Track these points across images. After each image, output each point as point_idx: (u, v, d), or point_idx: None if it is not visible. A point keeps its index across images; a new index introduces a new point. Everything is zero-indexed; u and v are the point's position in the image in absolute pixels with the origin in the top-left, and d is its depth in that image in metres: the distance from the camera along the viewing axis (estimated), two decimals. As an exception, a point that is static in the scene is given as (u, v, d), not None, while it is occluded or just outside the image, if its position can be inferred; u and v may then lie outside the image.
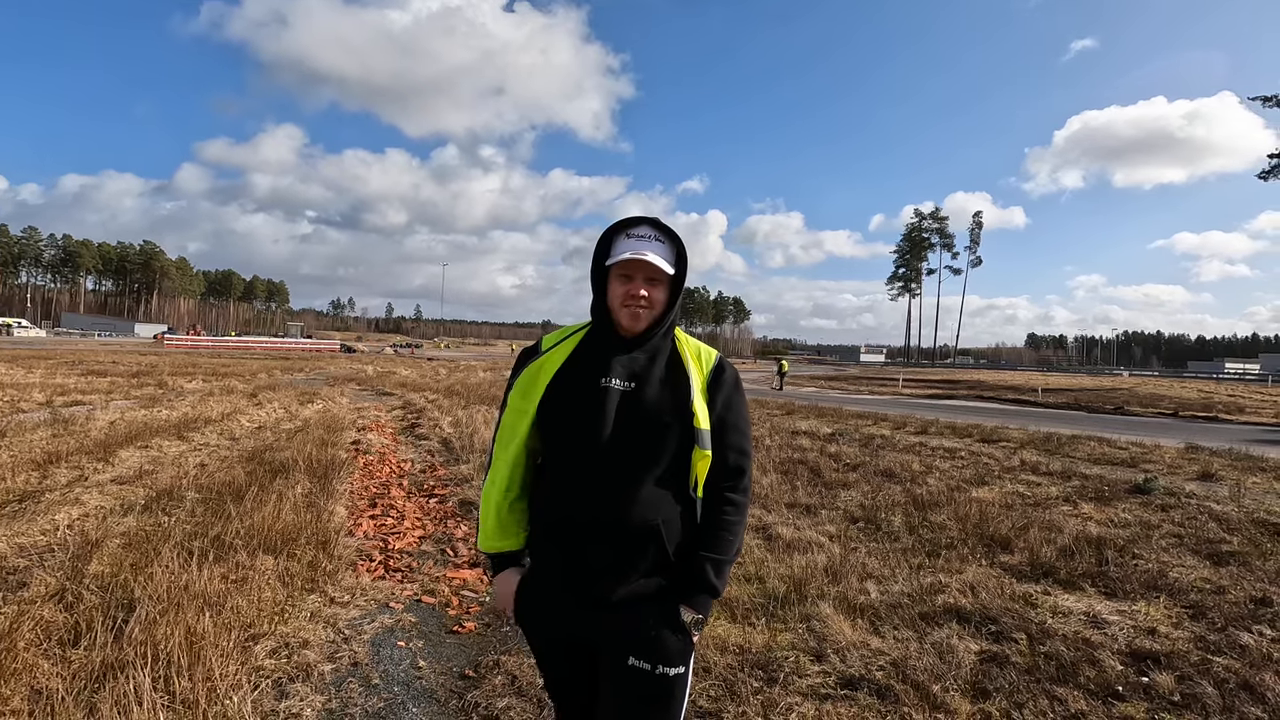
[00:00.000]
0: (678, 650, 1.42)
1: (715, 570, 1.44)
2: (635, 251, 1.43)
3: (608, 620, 1.42)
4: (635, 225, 1.49)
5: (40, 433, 8.04)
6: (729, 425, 1.50)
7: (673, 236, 1.50)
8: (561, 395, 1.46)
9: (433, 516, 5.37)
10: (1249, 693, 2.76)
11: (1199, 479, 7.83)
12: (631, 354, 1.48)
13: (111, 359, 28.08)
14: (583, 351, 1.51)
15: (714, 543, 1.46)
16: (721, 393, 1.51)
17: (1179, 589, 4.01)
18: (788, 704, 2.59)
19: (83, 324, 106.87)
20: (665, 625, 1.41)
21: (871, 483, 7.02)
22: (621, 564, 1.41)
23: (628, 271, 1.46)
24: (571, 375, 1.48)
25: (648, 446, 1.42)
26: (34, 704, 2.32)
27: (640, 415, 1.42)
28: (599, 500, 1.40)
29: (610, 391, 1.43)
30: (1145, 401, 25.10)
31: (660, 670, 1.40)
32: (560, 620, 1.47)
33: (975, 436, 11.52)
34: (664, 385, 1.46)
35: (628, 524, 1.39)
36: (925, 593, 3.79)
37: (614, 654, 1.43)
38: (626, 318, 1.47)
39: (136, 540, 4.04)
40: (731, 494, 1.49)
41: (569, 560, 1.44)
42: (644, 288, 1.45)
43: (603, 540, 1.40)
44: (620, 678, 1.42)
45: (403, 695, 2.68)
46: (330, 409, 12.44)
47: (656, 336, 1.50)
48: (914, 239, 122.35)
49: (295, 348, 64.40)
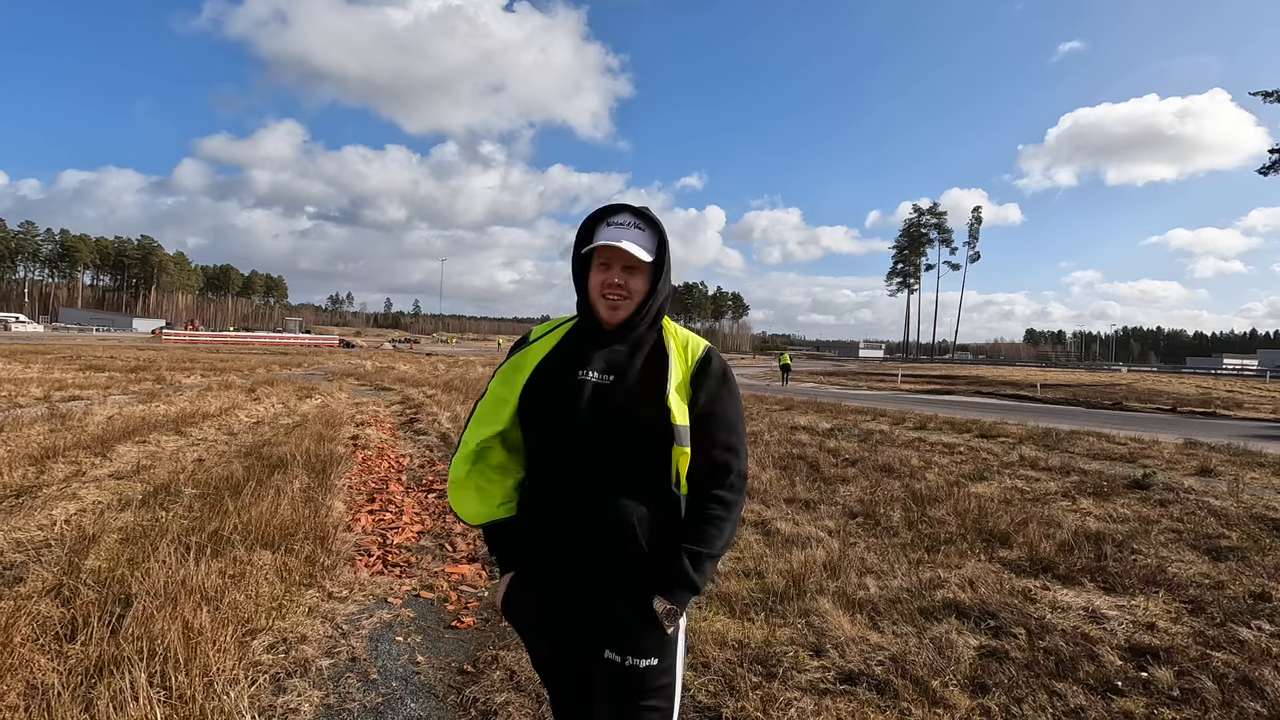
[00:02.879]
0: (650, 642, 1.39)
1: (694, 563, 1.39)
2: (610, 239, 1.41)
3: (587, 613, 1.41)
4: (614, 213, 1.46)
5: (37, 428, 8.02)
6: (715, 420, 1.44)
7: (653, 223, 1.46)
8: (540, 387, 1.44)
9: (431, 512, 5.36)
10: (1248, 688, 2.76)
11: (1197, 474, 7.84)
12: (612, 346, 1.45)
13: (109, 354, 28.03)
14: (566, 343, 1.49)
15: (694, 536, 1.41)
16: (706, 386, 1.45)
17: (1178, 584, 4.01)
18: (787, 699, 2.59)
19: (80, 319, 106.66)
20: (637, 617, 1.39)
21: (870, 478, 7.02)
22: (595, 558, 1.39)
23: (605, 260, 1.43)
24: (552, 367, 1.46)
25: (620, 442, 1.39)
26: (30, 699, 2.30)
27: (613, 409, 1.39)
28: (572, 494, 1.39)
29: (585, 384, 1.41)
30: (1144, 397, 25.14)
31: (630, 662, 1.38)
32: (544, 614, 1.46)
33: (974, 432, 11.52)
34: (641, 379, 1.42)
35: (600, 519, 1.38)
36: (924, 588, 3.79)
37: (593, 646, 1.42)
38: (605, 308, 1.44)
39: (134, 535, 4.03)
40: (718, 490, 1.43)
41: (548, 554, 1.43)
42: (621, 276, 1.42)
43: (578, 534, 1.39)
44: (599, 670, 1.41)
45: (401, 690, 2.67)
46: (329, 404, 12.42)
47: (640, 328, 1.47)
48: (913, 234, 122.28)
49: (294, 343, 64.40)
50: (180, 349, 39.76)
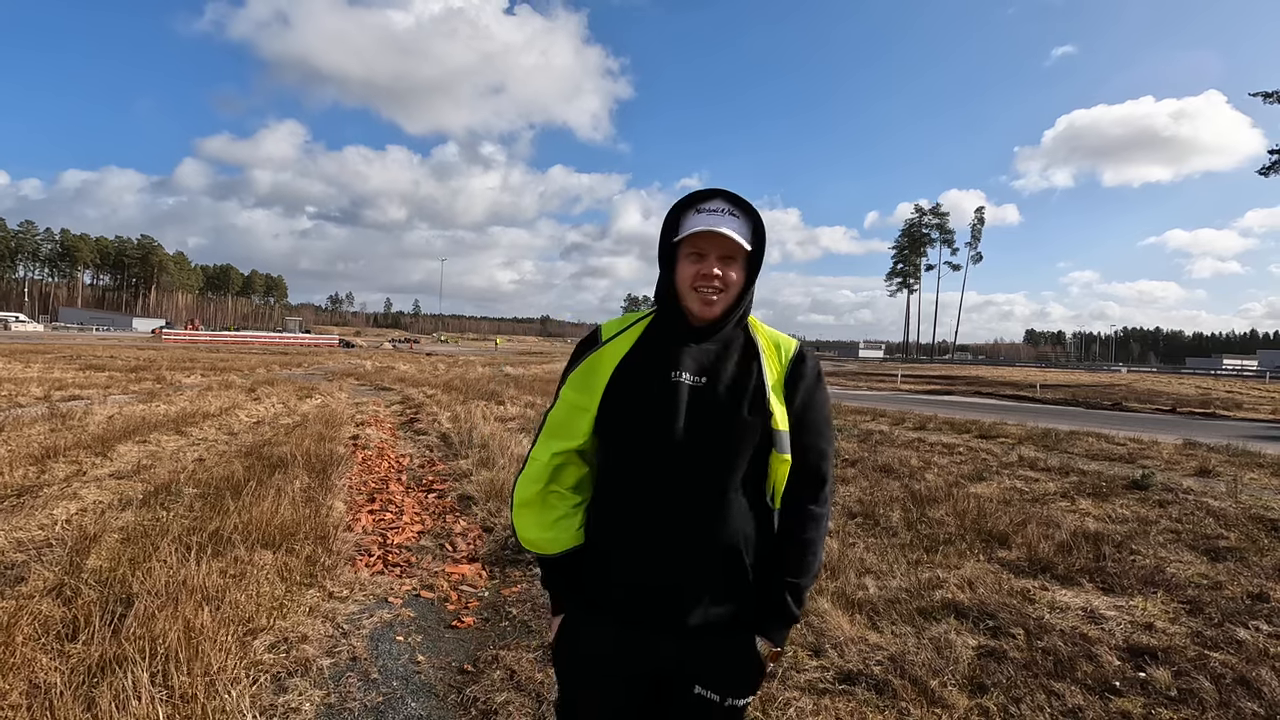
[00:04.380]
0: (750, 682, 1.31)
1: (795, 598, 1.29)
2: (709, 224, 1.27)
3: (675, 647, 1.27)
4: (707, 199, 1.31)
5: (38, 427, 8.03)
6: (810, 425, 1.33)
7: (749, 210, 1.32)
8: (626, 391, 1.29)
9: (431, 511, 5.37)
10: (1245, 688, 2.77)
11: (1196, 475, 7.85)
12: (702, 345, 1.31)
13: (109, 354, 28.03)
14: (647, 341, 1.34)
15: (796, 565, 1.30)
16: (802, 388, 1.34)
17: (1176, 584, 4.02)
18: (785, 699, 2.59)
19: (80, 318, 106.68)
20: (739, 655, 1.29)
21: (870, 478, 7.03)
22: (694, 585, 1.26)
23: (699, 249, 1.28)
24: (636, 369, 1.31)
25: (724, 450, 1.26)
26: (32, 698, 2.31)
27: (714, 414, 1.26)
28: (673, 511, 1.25)
29: (681, 387, 1.27)
30: (1143, 397, 25.14)
31: (730, 703, 1.29)
32: (614, 648, 1.30)
33: (973, 432, 11.53)
34: (738, 380, 1.29)
35: (705, 539, 1.25)
36: (923, 588, 3.80)
37: (680, 682, 1.30)
38: (698, 302, 1.29)
39: (135, 535, 4.04)
40: (813, 506, 1.32)
41: (632, 580, 1.28)
42: (719, 266, 1.28)
43: (674, 558, 1.25)
44: (684, 707, 1.30)
45: (401, 690, 2.68)
46: (329, 404, 12.43)
47: (730, 324, 1.33)
48: (913, 235, 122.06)
49: (294, 343, 64.37)
50: (180, 349, 39.75)
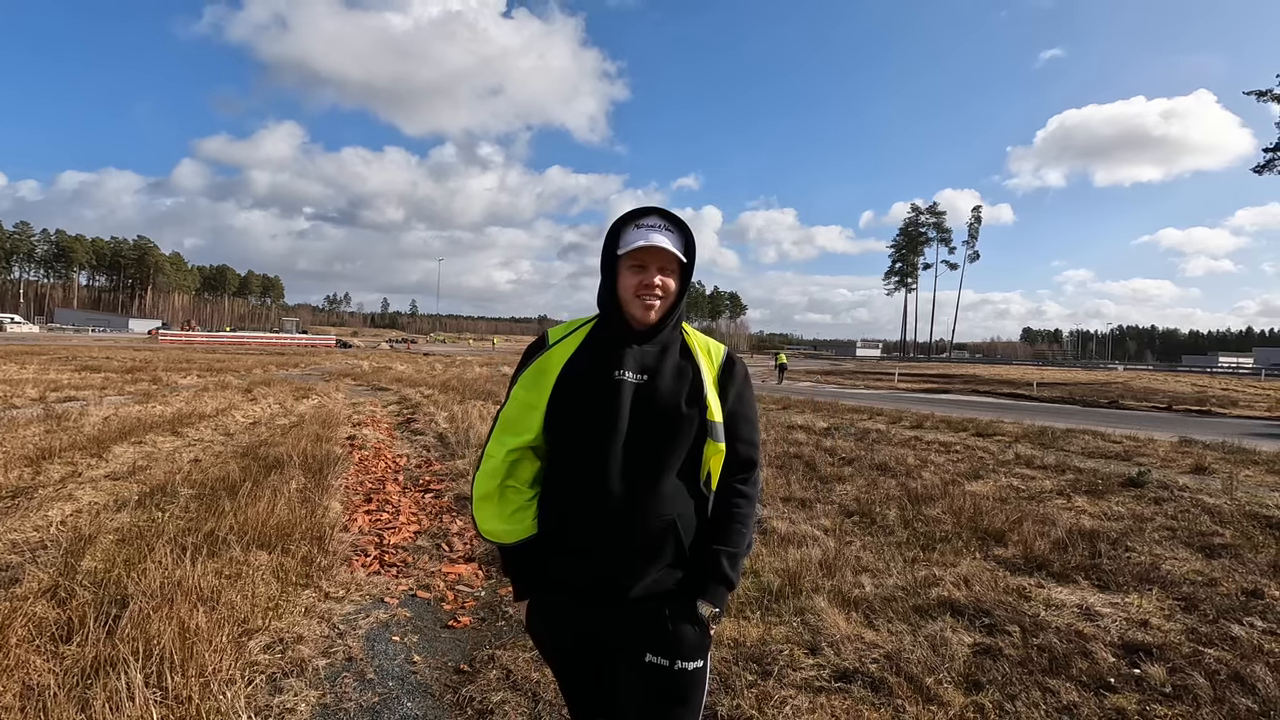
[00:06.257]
0: (696, 644, 1.42)
1: (730, 563, 1.45)
2: (648, 239, 1.42)
3: (624, 618, 1.42)
4: (644, 215, 1.48)
5: (33, 428, 8.00)
6: (740, 418, 1.51)
7: (681, 226, 1.49)
8: (573, 389, 1.43)
9: (428, 511, 5.36)
10: (1240, 684, 2.78)
11: (1192, 472, 7.87)
12: (643, 346, 1.46)
13: (105, 354, 27.95)
14: (592, 344, 1.48)
15: (727, 536, 1.46)
16: (733, 386, 1.51)
17: (1171, 581, 4.03)
18: (782, 697, 2.60)
19: (76, 319, 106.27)
20: (683, 620, 1.42)
21: (866, 477, 7.04)
22: (638, 561, 1.40)
23: (641, 261, 1.44)
24: (582, 368, 1.45)
25: (664, 440, 1.41)
26: (26, 700, 2.31)
27: (655, 408, 1.41)
28: (615, 496, 1.38)
29: (624, 384, 1.41)
30: (1139, 395, 25.20)
31: (679, 665, 1.41)
32: (575, 622, 1.46)
33: (970, 430, 11.55)
34: (677, 378, 1.45)
35: (645, 519, 1.39)
36: (919, 586, 3.81)
37: (631, 651, 1.42)
38: (639, 309, 1.45)
39: (130, 536, 4.03)
40: (743, 487, 1.50)
41: (583, 559, 1.41)
42: (659, 276, 1.44)
43: (619, 537, 1.39)
44: (639, 675, 1.42)
45: (397, 690, 2.68)
46: (325, 404, 12.41)
47: (667, 329, 1.49)
48: (910, 234, 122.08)
49: (291, 343, 64.26)
50: (176, 349, 39.65)
